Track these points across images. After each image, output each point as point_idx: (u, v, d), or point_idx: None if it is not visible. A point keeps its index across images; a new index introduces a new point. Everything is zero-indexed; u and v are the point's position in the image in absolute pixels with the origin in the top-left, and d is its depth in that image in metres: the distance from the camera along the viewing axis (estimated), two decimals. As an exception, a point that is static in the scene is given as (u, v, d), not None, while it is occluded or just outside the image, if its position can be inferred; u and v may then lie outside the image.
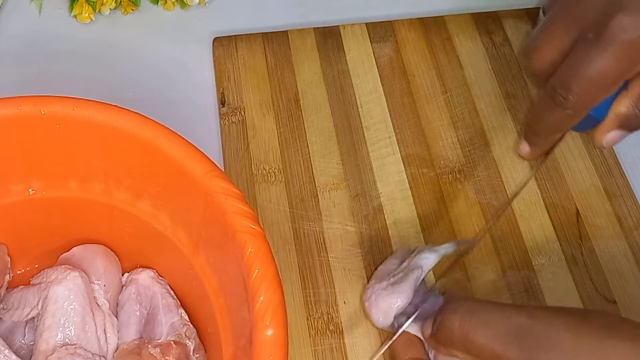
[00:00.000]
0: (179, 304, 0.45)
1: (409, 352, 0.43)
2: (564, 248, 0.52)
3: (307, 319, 0.48)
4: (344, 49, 0.61)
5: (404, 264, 0.48)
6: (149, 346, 0.42)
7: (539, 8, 0.64)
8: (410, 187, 0.54)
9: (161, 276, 0.46)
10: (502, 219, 0.53)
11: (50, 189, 0.43)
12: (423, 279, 0.47)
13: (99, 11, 0.62)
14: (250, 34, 0.61)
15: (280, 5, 0.64)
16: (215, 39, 0.61)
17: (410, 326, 0.44)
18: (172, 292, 0.45)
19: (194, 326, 0.44)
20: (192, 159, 0.39)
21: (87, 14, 0.61)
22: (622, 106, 0.39)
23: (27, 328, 0.44)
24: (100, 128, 0.40)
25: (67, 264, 0.45)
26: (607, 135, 0.40)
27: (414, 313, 0.43)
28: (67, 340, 0.42)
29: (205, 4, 0.63)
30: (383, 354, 0.46)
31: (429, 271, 0.48)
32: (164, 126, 0.40)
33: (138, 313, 0.44)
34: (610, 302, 0.49)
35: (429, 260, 0.47)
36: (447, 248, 0.49)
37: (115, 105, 0.40)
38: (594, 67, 0.37)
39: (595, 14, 0.37)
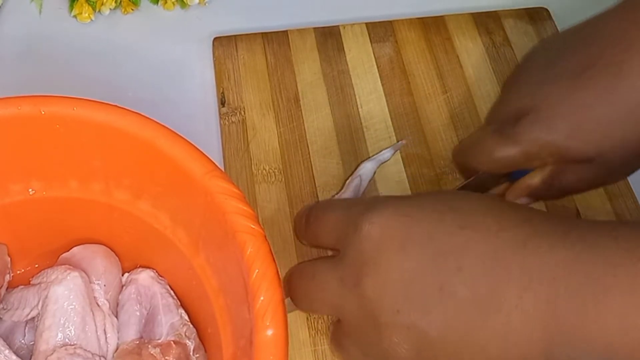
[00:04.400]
0: (179, 304, 0.45)
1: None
2: (564, 248, 0.52)
3: (307, 319, 0.48)
4: (344, 49, 0.61)
5: (347, 181, 0.50)
6: (149, 346, 0.42)
7: (540, 8, 0.64)
8: (411, 187, 0.54)
9: (161, 276, 0.46)
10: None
11: (50, 189, 0.43)
12: (365, 189, 0.49)
13: (99, 11, 0.62)
14: (250, 34, 0.61)
15: (280, 5, 0.64)
16: (215, 39, 0.61)
17: None
18: (172, 292, 0.45)
19: (194, 326, 0.44)
20: (192, 159, 0.39)
21: (87, 14, 0.61)
22: (534, 179, 0.44)
23: (27, 328, 0.44)
24: (100, 128, 0.40)
25: (67, 264, 0.45)
26: (517, 199, 0.45)
27: None
28: (67, 340, 0.42)
29: (205, 4, 0.64)
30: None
31: (371, 179, 0.50)
32: (164, 126, 0.40)
33: (138, 313, 0.44)
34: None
35: (366, 169, 0.50)
36: (384, 154, 0.52)
37: (115, 105, 0.40)
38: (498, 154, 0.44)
39: (511, 115, 0.43)
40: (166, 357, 0.42)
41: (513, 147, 0.43)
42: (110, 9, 0.62)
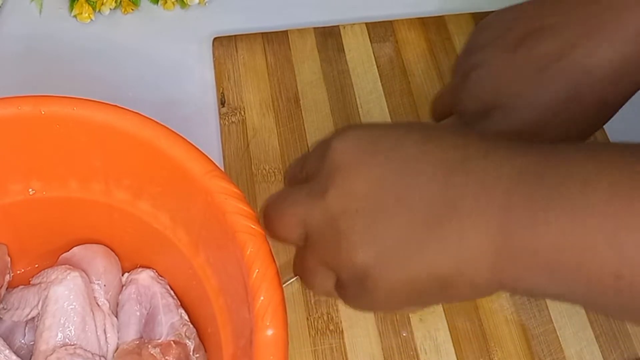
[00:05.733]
0: (179, 303, 0.45)
1: None
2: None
3: (307, 318, 0.48)
4: (344, 49, 0.61)
5: None
6: (149, 346, 0.42)
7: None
8: (410, 187, 0.54)
9: (161, 276, 0.46)
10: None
11: (50, 189, 0.43)
12: None
13: (99, 11, 0.62)
14: (250, 34, 0.61)
15: (280, 5, 0.64)
16: (215, 38, 0.61)
17: None
18: (172, 292, 0.45)
19: (194, 326, 0.44)
20: (192, 158, 0.39)
21: (87, 14, 0.61)
22: None
23: (27, 328, 0.44)
24: (100, 128, 0.40)
25: (67, 264, 0.45)
26: None
27: None
28: (67, 340, 0.42)
29: (205, 4, 0.64)
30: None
31: None
32: (164, 126, 0.40)
33: (138, 313, 0.44)
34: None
35: None
36: None
37: (115, 105, 0.40)
38: None
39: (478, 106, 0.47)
40: (166, 357, 0.42)
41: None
42: (110, 8, 0.62)
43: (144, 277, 0.45)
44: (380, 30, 0.62)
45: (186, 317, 0.44)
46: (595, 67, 0.43)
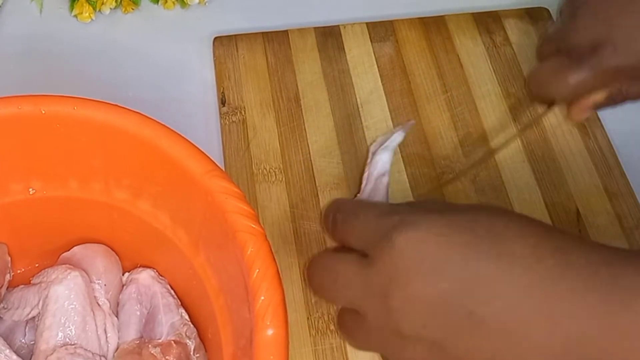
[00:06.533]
0: (179, 303, 0.45)
1: None
2: (564, 248, 0.52)
3: (308, 318, 0.48)
4: (344, 49, 0.61)
5: (365, 174, 0.49)
6: (150, 346, 0.42)
7: (541, 8, 0.64)
8: (411, 187, 0.54)
9: (161, 276, 0.46)
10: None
11: (50, 189, 0.43)
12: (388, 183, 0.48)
13: (99, 11, 0.62)
14: (251, 34, 0.61)
15: (280, 5, 0.64)
16: (215, 38, 0.61)
17: None
18: (172, 291, 0.45)
19: (194, 326, 0.44)
20: (192, 158, 0.39)
21: (87, 14, 0.61)
22: (599, 95, 0.48)
23: (27, 327, 0.44)
24: (100, 128, 0.40)
25: (68, 263, 0.45)
26: (583, 113, 0.50)
27: None
28: (67, 339, 0.42)
29: (205, 4, 0.63)
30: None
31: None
32: (164, 126, 0.40)
33: (138, 313, 0.44)
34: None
35: (384, 162, 0.50)
36: (395, 139, 0.50)
37: (116, 105, 0.40)
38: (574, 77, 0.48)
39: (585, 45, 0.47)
40: (166, 357, 0.42)
41: (595, 76, 0.47)
42: (111, 8, 0.62)
43: (145, 276, 0.45)
44: (381, 30, 0.62)
45: (186, 317, 0.44)
46: None
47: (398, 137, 0.52)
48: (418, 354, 0.35)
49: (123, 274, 0.46)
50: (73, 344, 0.41)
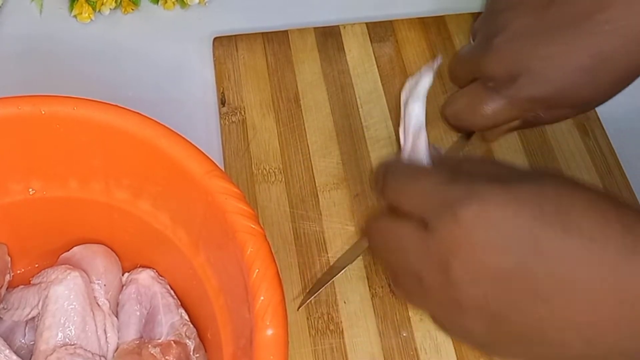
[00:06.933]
0: (179, 303, 0.45)
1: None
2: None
3: (307, 318, 0.48)
4: (344, 49, 0.61)
5: (401, 128, 0.48)
6: (149, 346, 0.42)
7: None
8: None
9: (161, 276, 0.46)
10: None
11: (50, 189, 0.43)
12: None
13: (99, 11, 0.62)
14: (251, 34, 0.61)
15: (280, 5, 0.64)
16: (215, 38, 0.61)
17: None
18: (172, 291, 0.45)
19: (194, 326, 0.44)
20: (192, 158, 0.39)
21: (87, 14, 0.61)
22: (515, 123, 0.49)
23: (27, 328, 0.44)
24: (100, 128, 0.40)
25: (68, 263, 0.45)
26: (498, 137, 0.52)
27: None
28: (67, 340, 0.42)
29: (205, 4, 0.64)
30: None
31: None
32: (164, 126, 0.40)
33: (138, 313, 0.44)
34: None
35: (420, 114, 0.47)
36: (424, 82, 0.47)
37: (116, 105, 0.40)
38: (490, 108, 0.48)
39: (504, 73, 0.46)
40: (166, 357, 0.42)
41: (512, 105, 0.47)
42: (111, 8, 0.62)
43: (144, 277, 0.45)
44: (381, 30, 0.62)
45: (186, 317, 0.44)
46: (630, 27, 0.42)
47: (427, 80, 0.47)
48: (477, 325, 0.35)
49: (123, 274, 0.46)
50: (73, 344, 0.41)
